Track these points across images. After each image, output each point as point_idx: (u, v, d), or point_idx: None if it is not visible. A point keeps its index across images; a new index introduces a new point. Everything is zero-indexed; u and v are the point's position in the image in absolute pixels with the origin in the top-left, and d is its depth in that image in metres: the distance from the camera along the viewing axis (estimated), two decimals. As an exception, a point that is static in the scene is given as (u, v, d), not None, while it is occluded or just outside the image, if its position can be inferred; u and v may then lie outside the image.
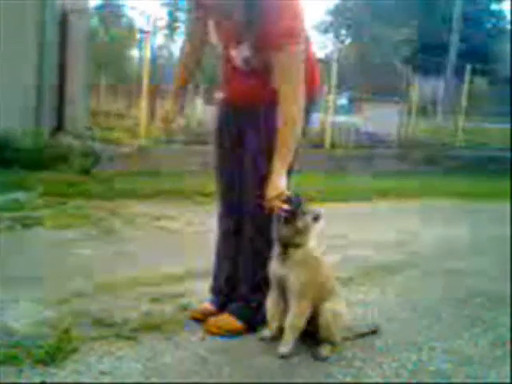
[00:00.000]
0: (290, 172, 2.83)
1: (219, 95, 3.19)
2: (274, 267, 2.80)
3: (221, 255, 3.19)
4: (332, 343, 2.85)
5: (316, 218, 2.77)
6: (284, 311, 2.82)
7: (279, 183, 2.70)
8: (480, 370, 2.82)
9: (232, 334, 2.94)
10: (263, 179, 2.75)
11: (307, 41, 2.87)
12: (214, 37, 2.90)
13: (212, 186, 3.41)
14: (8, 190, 5.88)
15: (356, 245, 5.19)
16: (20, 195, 5.76)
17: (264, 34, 2.65)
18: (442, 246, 5.51)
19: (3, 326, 2.82)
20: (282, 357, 2.72)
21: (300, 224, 2.72)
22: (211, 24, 2.88)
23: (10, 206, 5.30)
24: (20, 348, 2.59)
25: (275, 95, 2.72)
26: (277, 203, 2.68)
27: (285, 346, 2.76)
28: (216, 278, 3.21)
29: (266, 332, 2.90)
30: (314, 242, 2.82)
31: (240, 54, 2.79)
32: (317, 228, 2.80)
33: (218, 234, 3.21)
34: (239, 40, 2.76)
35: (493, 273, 4.57)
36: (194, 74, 3.28)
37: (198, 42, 3.11)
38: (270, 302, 2.87)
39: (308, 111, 2.90)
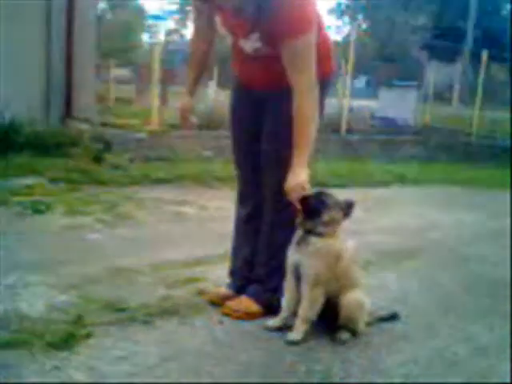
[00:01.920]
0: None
1: (233, 80, 3.14)
2: (292, 253, 2.75)
3: (239, 239, 3.16)
4: (353, 331, 2.81)
5: (348, 209, 2.70)
6: (299, 300, 2.76)
7: (300, 174, 2.65)
8: (496, 359, 2.77)
9: (250, 317, 2.91)
10: (283, 161, 2.69)
11: (320, 23, 2.82)
12: (221, 29, 2.85)
13: (226, 170, 3.39)
14: (19, 175, 5.83)
15: (374, 230, 5.14)
16: (31, 181, 5.72)
17: (275, 24, 2.59)
18: (459, 232, 5.45)
19: (16, 311, 2.79)
20: (290, 343, 2.69)
21: (325, 217, 2.67)
22: (218, 18, 2.81)
23: (22, 191, 5.26)
24: (33, 333, 2.55)
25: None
26: (297, 194, 2.63)
27: (295, 333, 2.72)
28: (234, 261, 3.18)
29: (271, 322, 2.85)
30: (340, 235, 2.76)
31: (250, 44, 2.75)
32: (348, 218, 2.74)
33: (236, 217, 3.18)
34: (248, 32, 2.70)
35: (506, 262, 4.46)
36: (207, 67, 3.22)
37: (205, 36, 3.03)
38: (287, 290, 2.82)
39: (323, 94, 2.86)
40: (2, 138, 6.70)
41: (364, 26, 36.68)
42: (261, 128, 2.93)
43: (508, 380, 2.39)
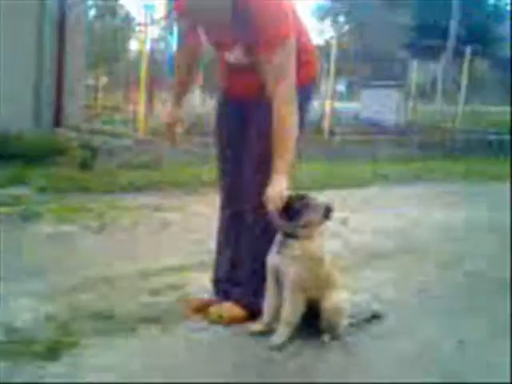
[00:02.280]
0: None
1: (219, 91, 3.20)
2: (272, 256, 2.78)
3: (222, 243, 3.19)
4: (334, 334, 2.85)
5: (327, 212, 2.74)
6: (280, 303, 2.79)
7: (280, 184, 2.66)
8: (479, 356, 2.82)
9: (233, 321, 2.94)
10: (265, 169, 2.73)
11: (301, 29, 2.87)
12: (204, 40, 2.90)
13: (212, 176, 3.43)
14: (7, 184, 5.86)
15: (356, 231, 5.19)
16: (20, 189, 5.75)
17: (254, 36, 2.64)
18: (441, 230, 5.50)
19: (3, 321, 2.81)
20: (273, 348, 2.69)
21: (304, 220, 2.70)
22: (201, 30, 2.87)
23: (10, 201, 5.28)
24: (19, 342, 2.59)
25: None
26: (276, 203, 2.65)
27: (277, 337, 2.73)
28: (217, 267, 3.21)
29: (254, 326, 2.87)
30: (319, 238, 2.78)
31: (234, 56, 2.80)
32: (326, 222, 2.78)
33: (219, 222, 3.21)
34: (231, 45, 2.76)
35: (491, 257, 4.55)
36: (193, 80, 3.26)
37: (190, 49, 3.09)
38: (267, 294, 2.84)
39: (307, 98, 2.94)
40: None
41: (346, 27, 36.80)
42: (245, 136, 2.96)
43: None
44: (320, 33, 39.48)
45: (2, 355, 2.46)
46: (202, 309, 3.04)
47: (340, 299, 2.86)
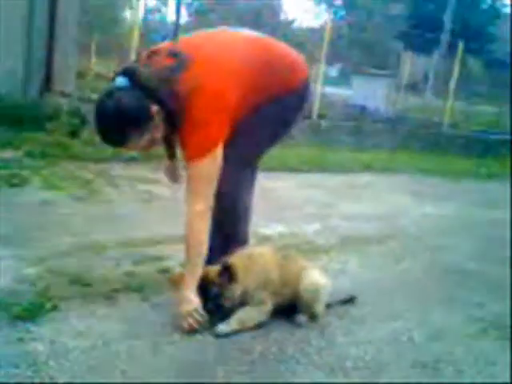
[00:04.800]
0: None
1: None
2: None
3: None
4: (312, 314, 2.90)
5: (225, 271, 2.70)
6: None
7: (191, 301, 2.64)
8: (450, 345, 2.88)
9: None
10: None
11: (271, 47, 2.89)
12: None
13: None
14: (-5, 148, 5.86)
15: (338, 215, 5.25)
16: (7, 153, 5.74)
17: (180, 144, 2.69)
18: (422, 220, 5.58)
19: (-17, 283, 2.84)
20: (218, 336, 2.63)
21: (228, 299, 2.71)
22: None
23: (-3, 165, 5.28)
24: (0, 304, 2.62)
25: None
26: (192, 318, 2.63)
27: (225, 327, 2.66)
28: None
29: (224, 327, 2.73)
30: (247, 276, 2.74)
31: None
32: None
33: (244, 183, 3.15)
34: None
35: (472, 252, 4.61)
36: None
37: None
38: None
39: (302, 100, 2.98)
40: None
41: (341, 13, 36.64)
42: None
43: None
44: (316, 16, 39.34)
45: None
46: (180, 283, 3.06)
47: (317, 279, 2.91)
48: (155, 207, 4.79)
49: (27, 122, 6.77)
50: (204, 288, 2.69)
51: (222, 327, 2.65)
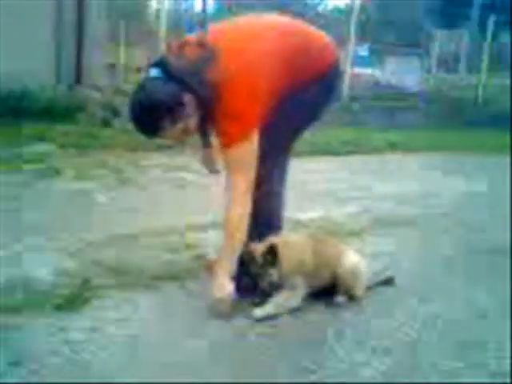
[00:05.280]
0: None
1: None
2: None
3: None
4: (352, 294, 2.89)
5: (270, 251, 2.69)
6: None
7: (225, 286, 2.65)
8: (493, 323, 2.83)
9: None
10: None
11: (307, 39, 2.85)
12: None
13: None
14: (30, 142, 5.97)
15: (372, 197, 5.22)
16: (41, 146, 5.83)
17: (217, 131, 2.69)
18: (457, 198, 5.51)
19: (25, 274, 2.89)
20: (255, 320, 2.63)
21: (267, 279, 2.71)
22: None
23: (32, 158, 5.38)
24: (40, 296, 2.67)
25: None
26: (224, 304, 2.64)
27: (260, 311, 2.67)
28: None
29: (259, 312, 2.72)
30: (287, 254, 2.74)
31: None
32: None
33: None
34: None
35: (503, 228, 4.49)
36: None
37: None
38: None
39: (333, 83, 2.97)
40: (15, 106, 6.81)
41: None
42: None
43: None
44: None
45: (24, 308, 2.54)
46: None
47: (355, 261, 2.91)
48: (188, 195, 4.82)
49: (59, 115, 6.88)
50: (246, 265, 2.70)
51: (258, 312, 2.65)
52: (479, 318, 2.87)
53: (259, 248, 2.70)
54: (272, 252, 2.68)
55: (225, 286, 2.65)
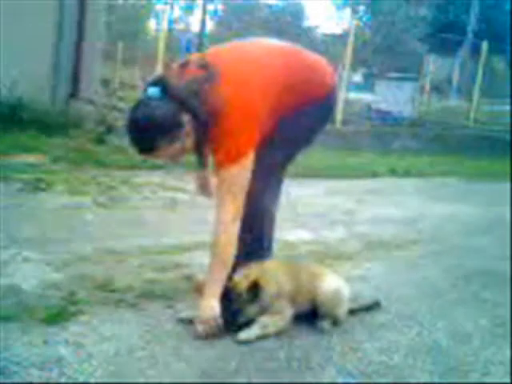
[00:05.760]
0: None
1: None
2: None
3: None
4: (334, 319, 2.88)
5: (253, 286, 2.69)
6: None
7: (213, 307, 2.64)
8: (479, 348, 2.83)
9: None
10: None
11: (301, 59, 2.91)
12: None
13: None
14: (22, 152, 5.97)
15: (362, 221, 5.22)
16: (34, 159, 5.84)
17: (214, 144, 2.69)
18: (447, 224, 5.52)
19: (11, 285, 2.89)
20: (240, 342, 2.61)
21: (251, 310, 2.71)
22: None
23: (24, 169, 5.38)
24: (25, 307, 2.66)
25: None
26: (210, 325, 2.62)
27: (246, 334, 2.65)
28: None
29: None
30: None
31: None
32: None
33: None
34: None
35: (494, 252, 4.55)
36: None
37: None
38: None
39: (329, 108, 3.02)
40: (9, 115, 6.85)
41: (364, 18, 36.47)
42: None
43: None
44: (339, 21, 39.26)
45: (8, 319, 2.53)
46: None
47: (335, 286, 2.90)
48: (179, 214, 4.81)
49: (54, 128, 6.92)
50: (228, 297, 2.68)
51: (244, 334, 2.64)
52: (464, 344, 2.87)
53: (241, 282, 2.69)
54: (255, 287, 2.68)
55: (212, 307, 2.63)
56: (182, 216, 4.76)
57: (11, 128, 6.65)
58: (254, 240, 2.96)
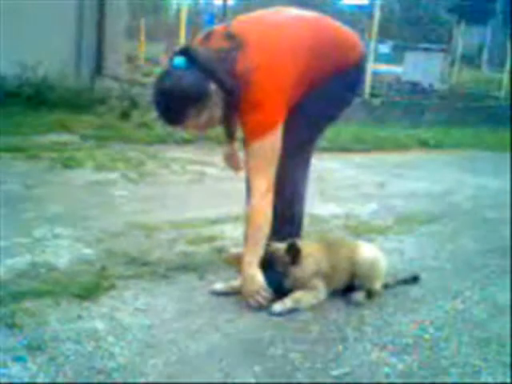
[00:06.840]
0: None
1: None
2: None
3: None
4: (369, 290, 2.85)
5: (291, 249, 2.69)
6: None
7: (255, 279, 2.63)
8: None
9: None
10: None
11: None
12: None
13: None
14: (50, 131, 6.01)
15: (393, 194, 5.16)
16: (62, 136, 5.87)
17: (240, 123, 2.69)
18: (481, 196, 5.43)
19: (44, 262, 2.91)
20: (273, 314, 2.61)
21: (288, 278, 2.71)
22: None
23: (52, 147, 5.42)
24: (59, 283, 2.67)
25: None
26: (260, 295, 2.62)
27: (279, 306, 2.64)
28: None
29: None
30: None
31: None
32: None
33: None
34: None
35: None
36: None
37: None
38: None
39: (358, 77, 2.97)
40: (35, 95, 6.88)
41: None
42: None
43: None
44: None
45: (42, 294, 2.55)
46: (235, 263, 3.02)
47: (372, 255, 2.89)
48: (207, 188, 4.81)
49: (80, 106, 6.94)
50: (268, 264, 2.68)
51: (278, 306, 2.63)
52: (499, 316, 2.83)
53: (280, 247, 2.69)
54: (294, 250, 2.67)
55: (256, 278, 2.63)
56: (210, 190, 4.75)
57: (39, 107, 6.71)
58: (285, 217, 2.93)
